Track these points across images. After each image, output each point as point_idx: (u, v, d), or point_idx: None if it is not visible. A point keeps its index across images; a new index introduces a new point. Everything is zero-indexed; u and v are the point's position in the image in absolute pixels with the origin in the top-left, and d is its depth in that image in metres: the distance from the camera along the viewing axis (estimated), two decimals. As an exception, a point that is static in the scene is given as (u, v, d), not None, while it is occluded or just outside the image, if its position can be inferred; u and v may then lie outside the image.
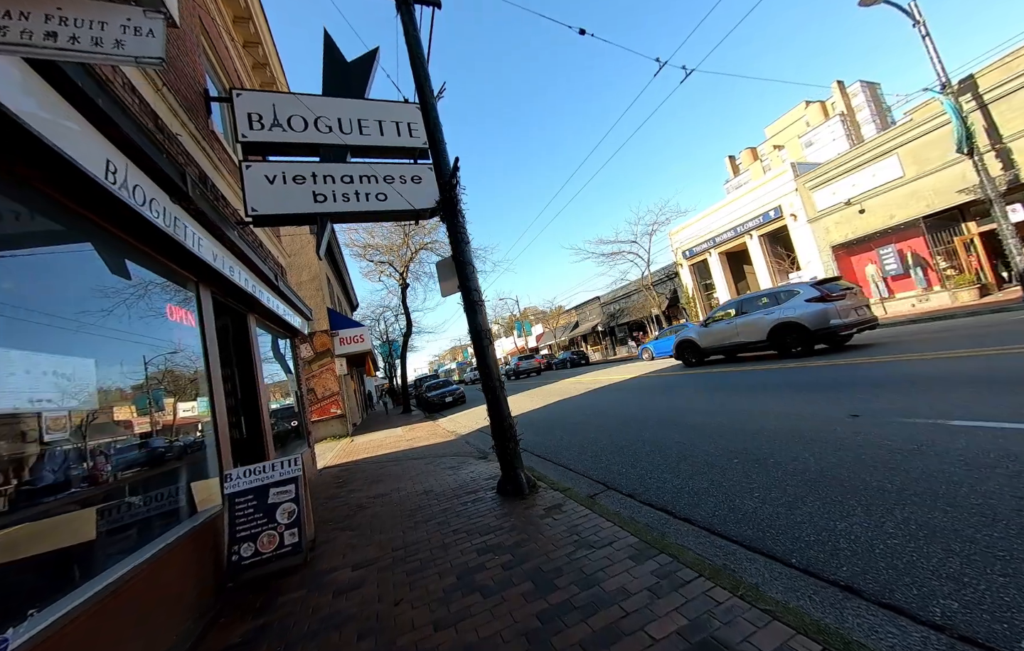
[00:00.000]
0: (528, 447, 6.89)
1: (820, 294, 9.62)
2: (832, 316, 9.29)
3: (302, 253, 15.39)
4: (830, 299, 9.46)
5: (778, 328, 10.23)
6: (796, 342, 9.94)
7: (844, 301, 9.51)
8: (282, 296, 6.53)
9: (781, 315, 10.21)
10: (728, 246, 23.41)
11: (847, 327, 9.26)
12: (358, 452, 10.54)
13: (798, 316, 9.79)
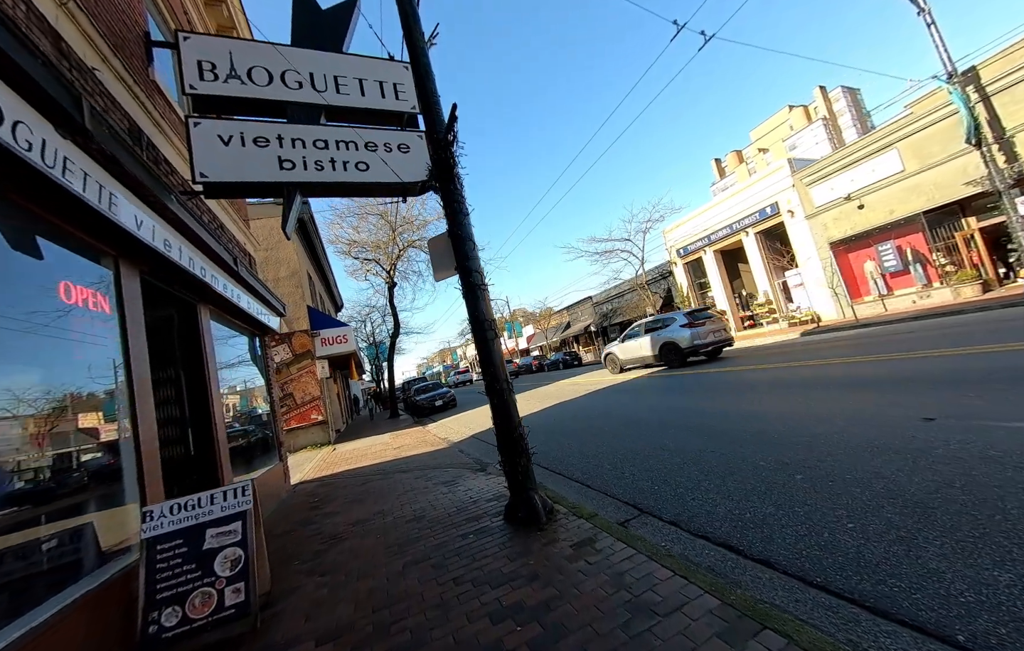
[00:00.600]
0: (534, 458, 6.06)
1: (688, 321, 12.68)
2: (696, 338, 12.29)
3: (279, 247, 14.29)
4: (695, 325, 12.45)
5: (664, 346, 13.13)
6: (674, 357, 12.84)
7: (704, 326, 12.52)
8: (246, 286, 5.57)
9: (667, 336, 13.03)
10: (723, 244, 23.04)
11: (706, 346, 12.35)
12: (340, 463, 9.54)
13: (675, 338, 12.77)
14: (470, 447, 8.56)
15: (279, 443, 6.92)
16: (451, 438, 10.34)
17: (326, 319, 15.36)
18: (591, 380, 16.06)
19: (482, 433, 10.00)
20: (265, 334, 7.32)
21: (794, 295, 20.77)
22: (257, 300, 6.33)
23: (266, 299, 6.61)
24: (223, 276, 4.81)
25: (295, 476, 8.77)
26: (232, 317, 5.79)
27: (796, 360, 9.73)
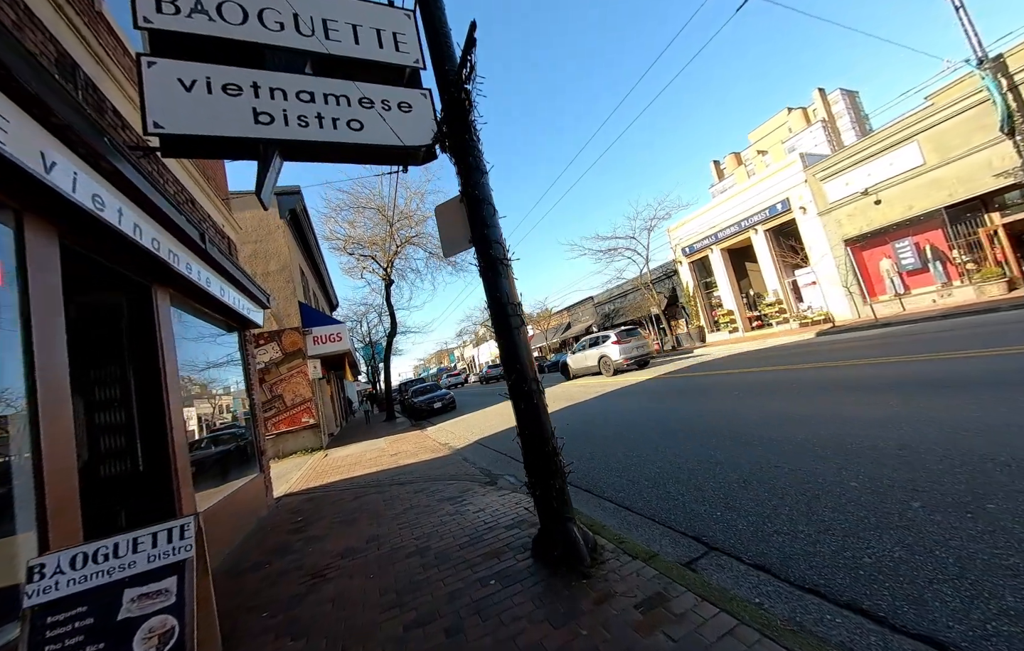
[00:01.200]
0: None
1: (617, 339, 15.94)
2: (623, 352, 15.57)
3: (269, 239, 13.44)
4: (622, 343, 15.77)
5: (600, 358, 16.41)
6: (607, 367, 16.03)
7: (630, 343, 15.91)
8: (219, 270, 4.75)
9: (603, 351, 16.39)
10: (731, 242, 22.39)
11: (630, 360, 15.62)
12: (331, 472, 8.70)
13: (607, 352, 16.04)
14: (475, 455, 7.76)
15: (260, 452, 6.08)
16: (453, 444, 9.53)
17: (319, 316, 14.51)
18: (597, 382, 15.29)
19: (486, 438, 9.20)
20: (247, 328, 6.49)
21: (805, 294, 20.14)
22: (235, 288, 5.51)
23: (246, 288, 5.79)
24: (188, 255, 4.00)
25: (280, 487, 7.92)
26: (201, 306, 4.96)
27: (821, 360, 9.01)
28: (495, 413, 13.26)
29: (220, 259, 4.63)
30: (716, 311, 24.36)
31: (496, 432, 9.70)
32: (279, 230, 13.60)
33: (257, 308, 6.54)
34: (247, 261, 13.07)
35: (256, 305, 6.44)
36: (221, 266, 4.73)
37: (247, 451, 5.88)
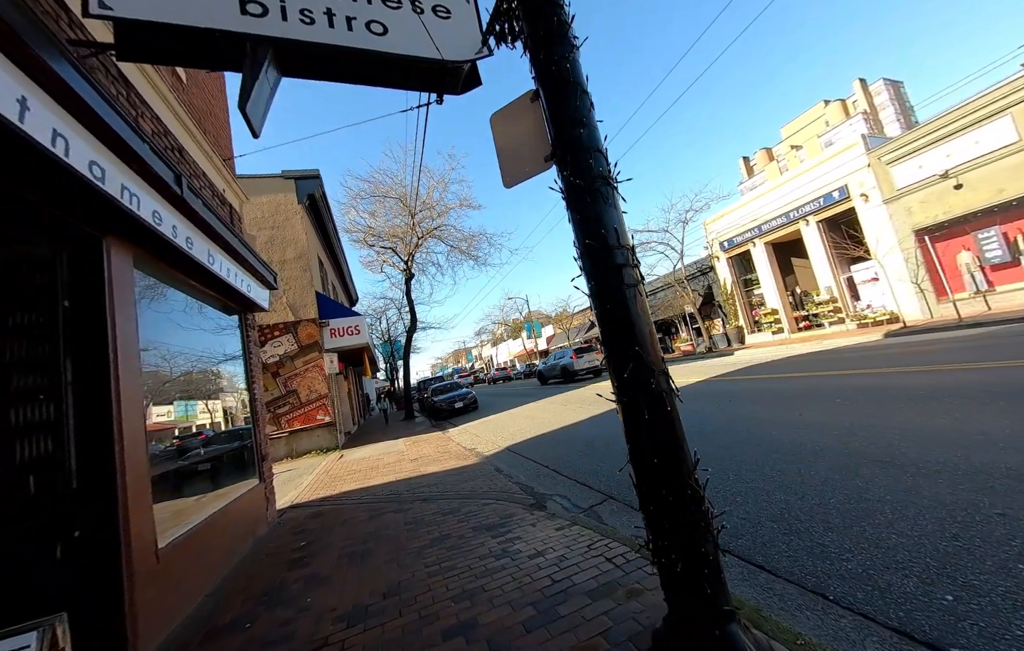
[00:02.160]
0: None
1: (573, 352, 20.05)
2: (579, 365, 19.44)
3: (287, 225, 12.70)
4: (578, 357, 19.55)
5: (563, 368, 20.24)
6: (568, 377, 19.83)
7: (583, 358, 19.58)
8: (208, 231, 3.78)
9: (564, 362, 20.19)
10: (777, 235, 20.59)
11: (587, 371, 19.38)
12: (346, 477, 7.74)
13: (567, 364, 19.90)
14: (509, 465, 6.63)
15: (260, 458, 5.12)
16: (480, 449, 8.44)
17: (336, 307, 13.72)
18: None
19: (519, 445, 8.06)
20: (249, 311, 5.55)
21: (863, 292, 18.21)
22: (232, 260, 4.56)
23: (248, 263, 4.84)
24: (157, 201, 3.02)
25: (288, 494, 7.00)
26: (186, 276, 4.00)
27: (902, 365, 7.48)
28: (522, 416, 12.12)
29: (208, 217, 3.65)
30: (757, 310, 22.54)
31: (529, 438, 8.55)
32: (297, 216, 12.85)
33: (262, 288, 5.60)
34: (263, 248, 12.37)
35: (260, 284, 5.49)
36: (210, 227, 3.75)
37: (244, 457, 4.91)
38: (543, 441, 7.94)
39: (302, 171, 13.08)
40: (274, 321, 12.14)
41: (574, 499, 4.50)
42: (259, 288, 5.45)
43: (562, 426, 8.93)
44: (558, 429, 8.74)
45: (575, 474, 5.36)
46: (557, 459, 6.32)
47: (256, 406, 5.22)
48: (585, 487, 4.78)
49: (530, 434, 8.90)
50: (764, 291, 21.78)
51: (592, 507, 4.13)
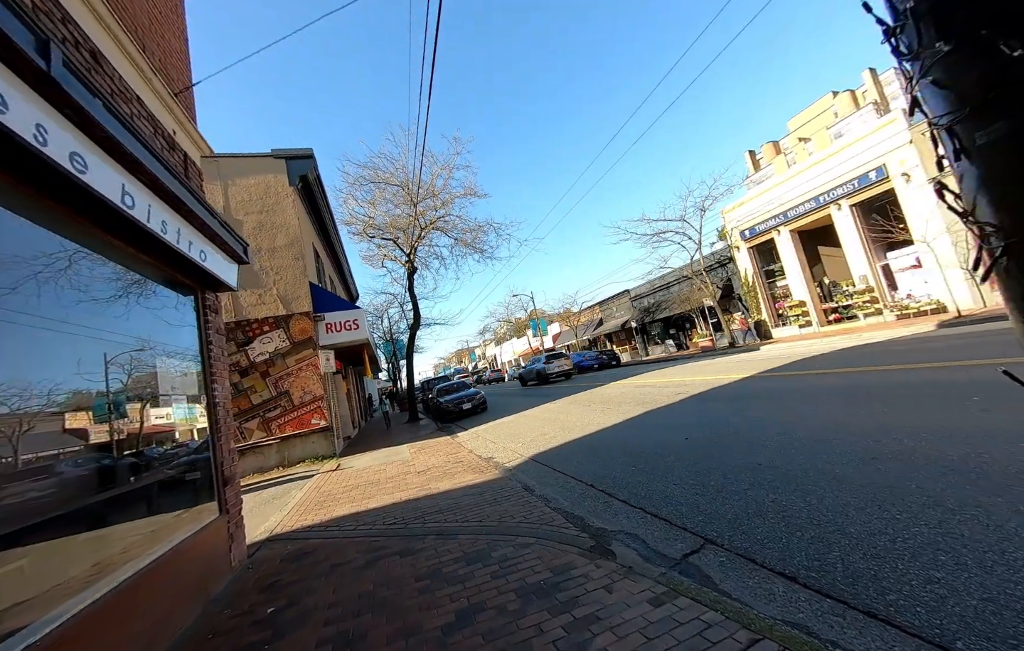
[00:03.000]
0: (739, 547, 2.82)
1: (545, 359, 23.43)
2: (551, 369, 22.50)
3: (277, 209, 11.48)
4: (549, 363, 22.86)
5: (538, 372, 23.16)
6: (543, 379, 22.64)
7: (554, 363, 22.84)
8: (121, 156, 2.53)
9: (538, 368, 23.39)
10: (804, 221, 19.25)
11: (558, 374, 22.44)
12: (340, 495, 6.50)
13: (540, 369, 23.06)
14: (539, 481, 5.37)
15: (222, 480, 3.87)
16: (499, 459, 7.19)
17: (332, 299, 12.49)
18: (669, 380, 12.66)
19: (544, 455, 6.80)
20: (207, 289, 4.30)
21: (901, 281, 16.88)
22: (176, 214, 3.32)
23: (201, 222, 3.60)
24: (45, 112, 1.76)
25: (269, 518, 5.76)
26: (106, 234, 2.76)
27: (972, 357, 6.19)
28: (539, 418, 10.86)
29: (115, 130, 2.40)
30: (781, 303, 21.21)
31: (554, 445, 7.29)
32: (288, 199, 11.62)
33: (227, 261, 4.36)
34: (250, 235, 11.16)
35: (225, 256, 4.25)
36: (122, 148, 2.50)
37: (197, 483, 3.67)
38: (572, 450, 6.68)
39: (293, 150, 11.86)
40: (263, 315, 10.93)
41: (650, 540, 3.24)
42: (223, 260, 4.21)
43: (591, 431, 7.67)
44: (587, 435, 7.48)
45: (637, 499, 4.10)
46: (601, 476, 5.06)
47: (217, 414, 3.98)
48: (662, 521, 3.52)
49: (554, 441, 7.64)
50: (790, 282, 20.45)
51: (686, 557, 2.87)
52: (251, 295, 10.92)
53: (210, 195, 10.97)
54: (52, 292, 2.48)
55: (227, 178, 11.23)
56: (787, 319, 20.65)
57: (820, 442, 4.41)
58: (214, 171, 11.12)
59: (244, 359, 10.65)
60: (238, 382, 10.52)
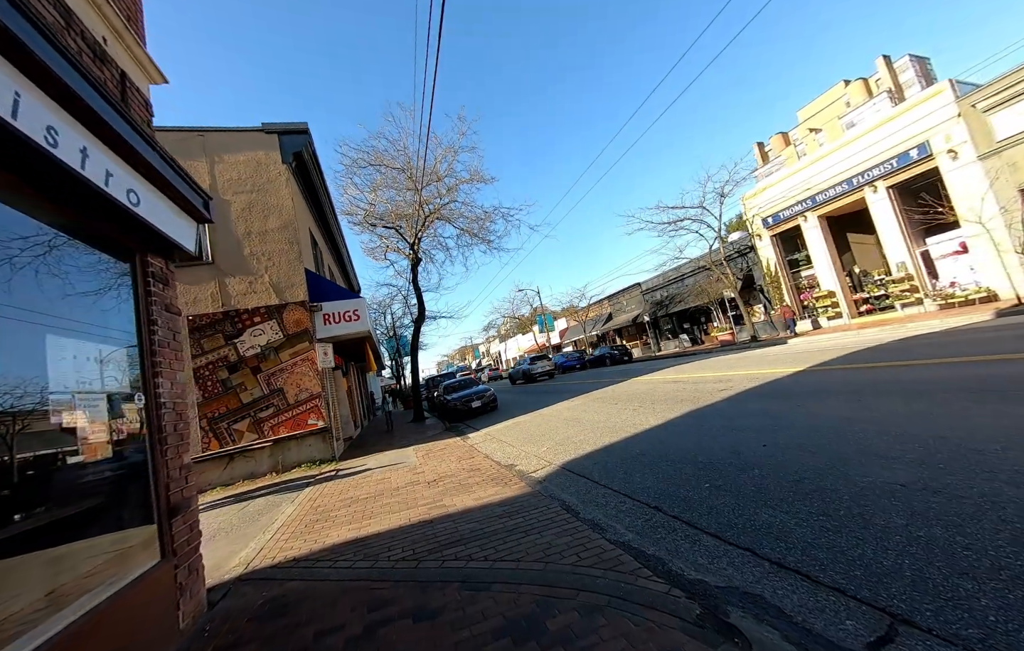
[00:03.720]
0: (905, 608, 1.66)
1: (530, 361, 26.68)
2: (536, 370, 25.24)
3: (269, 188, 10.42)
4: (534, 364, 25.76)
5: (524, 371, 25.94)
6: (529, 379, 25.32)
7: (537, 365, 25.67)
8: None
9: (524, 368, 26.34)
10: (834, 206, 18.03)
11: (542, 374, 25.21)
12: (336, 513, 5.45)
13: (527, 369, 25.77)
14: (580, 497, 4.29)
15: (166, 510, 2.80)
16: (521, 467, 6.12)
17: (331, 288, 11.44)
18: (702, 375, 11.54)
19: (576, 462, 5.71)
20: (151, 253, 3.23)
21: (942, 268, 15.67)
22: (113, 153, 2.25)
23: (139, 158, 2.54)
24: None
25: (249, 543, 4.70)
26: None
27: None
28: (558, 417, 9.78)
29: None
30: (807, 293, 20.02)
31: (587, 451, 6.20)
32: (281, 178, 10.56)
33: (182, 218, 3.29)
34: (240, 215, 10.12)
35: (177, 209, 3.18)
36: (12, 38, 1.41)
37: (123, 517, 2.60)
38: (613, 458, 5.60)
39: (287, 124, 10.79)
40: (254, 304, 9.88)
41: (790, 608, 2.15)
42: (173, 214, 3.14)
43: (629, 434, 6.58)
44: (625, 438, 6.40)
45: (735, 533, 3.01)
46: (665, 494, 3.97)
47: (162, 419, 2.91)
48: (793, 574, 2.42)
49: (586, 445, 6.56)
50: (817, 272, 19.24)
51: (882, 644, 1.77)
52: (240, 282, 9.88)
53: (195, 172, 9.93)
54: None
55: (213, 154, 10.17)
56: (814, 311, 19.46)
57: (974, 451, 3.31)
58: (199, 147, 10.08)
59: (233, 353, 9.61)
60: (227, 378, 9.50)
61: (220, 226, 9.91)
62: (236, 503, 7.24)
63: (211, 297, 9.64)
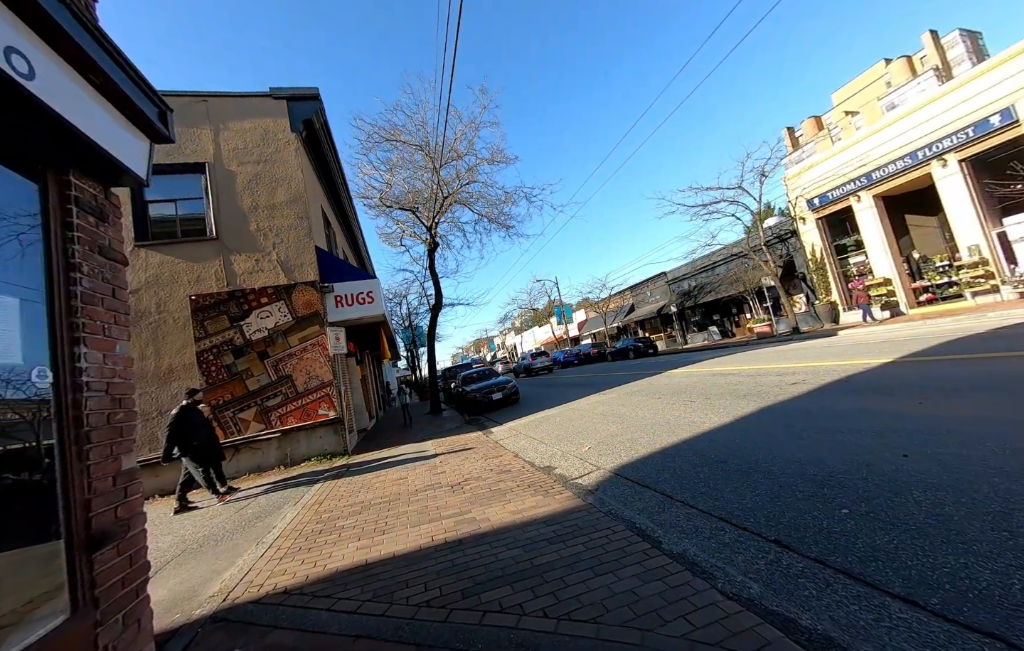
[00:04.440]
0: None
1: (531, 357, 32.98)
2: (536, 365, 30.27)
3: (277, 159, 9.59)
4: (535, 360, 31.28)
5: (526, 367, 31.09)
6: (530, 373, 29.92)
7: (537, 361, 30.98)
8: None
9: (526, 363, 32.10)
10: (893, 184, 16.27)
11: (541, 368, 30.03)
12: (344, 521, 4.57)
13: (528, 364, 31.30)
14: (652, 516, 3.24)
15: (82, 541, 1.90)
16: (562, 470, 5.11)
17: (343, 267, 10.61)
18: (758, 367, 10.30)
19: (632, 468, 4.65)
20: (79, 174, 2.30)
21: (1021, 253, 13.84)
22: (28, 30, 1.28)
23: (37, 8, 1.58)
24: None
25: (236, 563, 3.84)
26: None
27: None
28: (592, 412, 8.72)
29: None
30: (857, 281, 18.30)
31: (645, 453, 5.13)
32: (290, 148, 9.72)
33: (124, 128, 2.36)
34: (245, 188, 9.34)
35: (116, 115, 2.25)
36: None
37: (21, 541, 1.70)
38: (679, 462, 4.53)
39: (296, 89, 9.93)
40: (261, 284, 9.11)
41: None
42: (108, 117, 2.20)
43: (693, 434, 5.49)
44: (687, 439, 5.31)
45: (957, 609, 1.91)
46: (783, 520, 2.90)
47: (80, 404, 1.99)
48: None
49: (639, 447, 5.50)
50: (871, 257, 17.51)
51: None
52: (246, 260, 9.11)
53: (198, 141, 9.19)
54: None
55: (218, 122, 9.39)
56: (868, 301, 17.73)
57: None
58: (203, 113, 9.31)
59: (239, 336, 8.87)
60: (232, 363, 8.77)
61: (225, 198, 9.15)
62: (236, 501, 6.47)
63: (215, 275, 8.90)
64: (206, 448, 6.52)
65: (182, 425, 6.20)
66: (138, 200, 8.66)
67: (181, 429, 6.19)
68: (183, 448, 6.24)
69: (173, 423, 6.17)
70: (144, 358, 8.35)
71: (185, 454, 6.29)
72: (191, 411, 6.44)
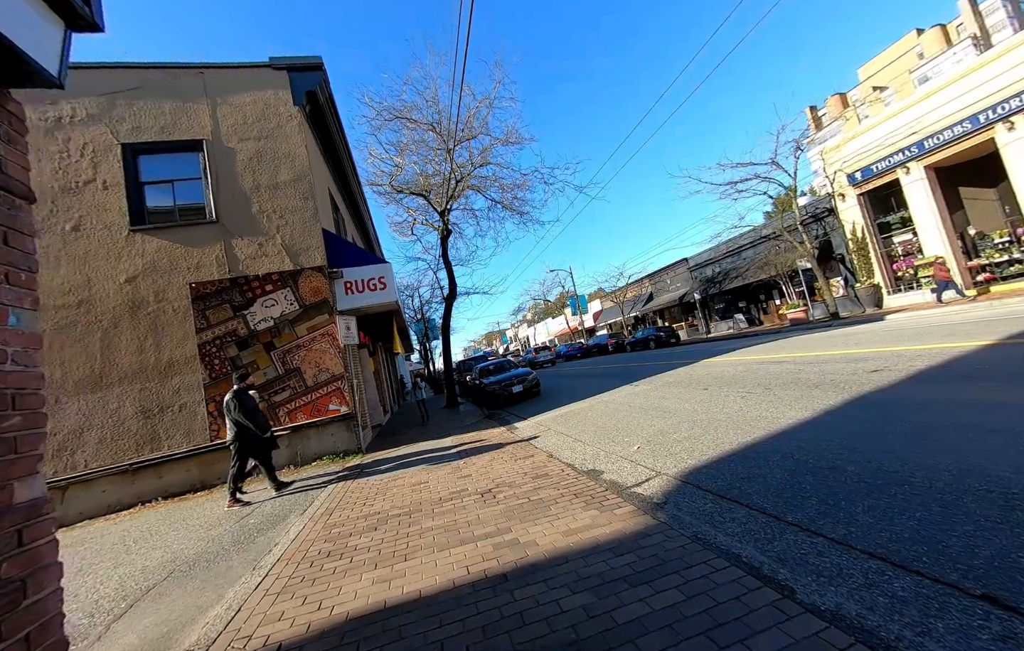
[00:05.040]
0: None
1: (534, 351, 37.08)
2: (539, 358, 32.94)
3: (278, 135, 8.85)
4: (538, 354, 34.37)
5: (531, 360, 32.99)
6: (533, 365, 30.76)
7: (541, 354, 34.23)
8: None
9: (531, 357, 35.22)
10: (948, 152, 14.80)
11: (544, 361, 32.62)
12: (358, 541, 3.83)
13: (531, 358, 34.35)
14: (762, 546, 2.35)
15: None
16: (608, 474, 4.26)
17: (352, 250, 9.86)
18: (816, 353, 9.27)
19: (703, 473, 3.78)
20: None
21: (1102, 223, 12.36)
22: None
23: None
24: None
25: (223, 600, 3.10)
26: None
27: None
28: (626, 405, 7.83)
29: None
30: (904, 261, 16.90)
31: (714, 456, 4.25)
32: (293, 122, 8.97)
33: (28, 3, 1.54)
34: (246, 165, 8.63)
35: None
36: None
37: None
38: (767, 468, 3.65)
39: (297, 58, 9.14)
40: (265, 270, 8.43)
41: None
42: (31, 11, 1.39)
43: (767, 433, 4.58)
44: (763, 438, 4.41)
45: None
46: (978, 557, 2.00)
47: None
48: None
49: (703, 447, 4.62)
50: (922, 235, 16.08)
51: None
52: (249, 245, 8.43)
53: (195, 116, 8.50)
54: None
55: (215, 95, 8.67)
56: (918, 281, 16.35)
57: None
58: (199, 86, 8.61)
59: (243, 327, 8.22)
60: (236, 356, 8.13)
61: (224, 178, 8.46)
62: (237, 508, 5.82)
63: (216, 261, 8.24)
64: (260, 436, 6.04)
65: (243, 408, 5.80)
66: (132, 179, 8.03)
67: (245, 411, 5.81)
68: (241, 435, 5.85)
69: (237, 406, 5.77)
70: (143, 351, 7.77)
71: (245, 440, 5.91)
72: (243, 395, 5.98)
